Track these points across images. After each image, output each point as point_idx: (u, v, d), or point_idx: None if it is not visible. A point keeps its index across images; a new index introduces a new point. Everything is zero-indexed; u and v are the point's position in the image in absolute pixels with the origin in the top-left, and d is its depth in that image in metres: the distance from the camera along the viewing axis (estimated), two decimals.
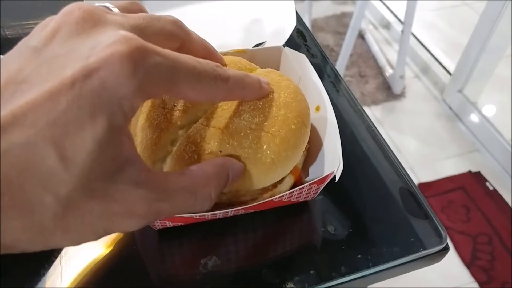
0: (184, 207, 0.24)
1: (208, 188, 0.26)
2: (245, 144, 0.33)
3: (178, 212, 0.25)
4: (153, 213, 0.22)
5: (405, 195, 0.41)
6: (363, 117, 0.48)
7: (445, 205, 1.59)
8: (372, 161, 0.44)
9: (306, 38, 0.57)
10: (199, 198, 0.25)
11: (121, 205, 0.20)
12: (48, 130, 0.18)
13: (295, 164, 0.36)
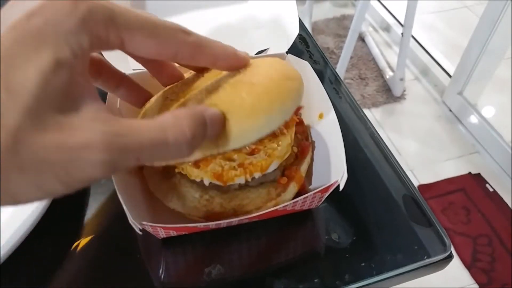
0: (154, 144, 0.23)
1: (179, 126, 0.24)
2: (224, 95, 0.32)
3: (151, 153, 0.23)
4: (116, 148, 0.21)
5: (409, 203, 0.41)
6: (366, 123, 0.48)
7: (445, 207, 1.59)
8: (375, 168, 0.44)
9: (309, 44, 0.58)
10: (170, 135, 0.24)
11: (77, 139, 0.20)
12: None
13: (283, 121, 0.34)
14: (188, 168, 0.39)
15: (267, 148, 0.39)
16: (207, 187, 0.39)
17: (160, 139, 0.23)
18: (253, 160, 0.38)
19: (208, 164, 0.38)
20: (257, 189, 0.40)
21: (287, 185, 0.39)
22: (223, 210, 0.39)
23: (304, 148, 0.41)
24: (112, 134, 0.21)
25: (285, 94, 0.34)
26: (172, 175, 0.42)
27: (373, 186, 0.42)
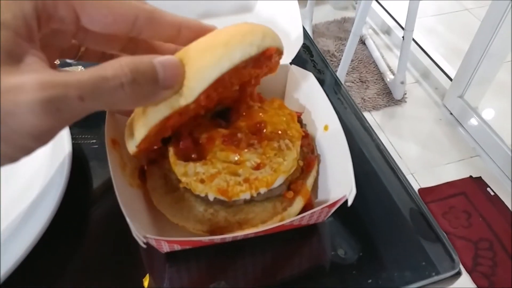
0: (93, 78, 0.24)
1: (119, 65, 0.25)
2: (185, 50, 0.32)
3: (92, 91, 0.24)
4: (51, 86, 0.22)
5: (416, 217, 0.40)
6: (372, 135, 0.47)
7: (446, 211, 1.59)
8: (381, 181, 0.43)
9: (313, 53, 0.57)
10: (109, 70, 0.25)
11: (11, 82, 0.21)
12: None
13: (247, 55, 0.32)
14: (192, 183, 0.38)
15: (273, 162, 0.38)
16: (211, 201, 0.39)
17: (99, 74, 0.24)
18: (258, 175, 0.38)
19: (213, 179, 0.38)
20: (263, 203, 0.39)
21: (293, 199, 0.39)
22: (227, 224, 0.38)
23: (310, 162, 0.41)
24: (48, 75, 0.22)
25: (245, 31, 0.33)
26: (176, 188, 0.41)
27: (379, 199, 0.42)
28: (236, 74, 0.36)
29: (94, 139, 0.50)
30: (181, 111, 0.33)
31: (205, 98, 0.32)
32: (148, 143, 0.37)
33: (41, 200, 0.40)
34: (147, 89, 0.27)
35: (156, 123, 0.33)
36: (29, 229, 0.37)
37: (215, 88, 0.32)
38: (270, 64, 0.39)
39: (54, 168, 0.42)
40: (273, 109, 0.43)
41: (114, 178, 0.37)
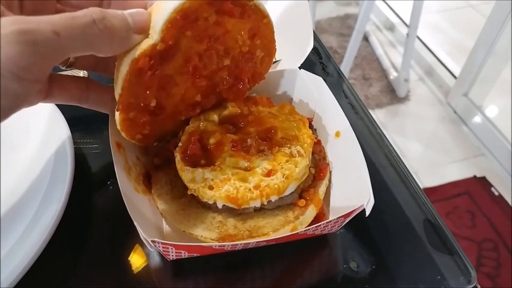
0: (66, 17, 0.26)
1: (92, 7, 0.28)
2: None
3: (65, 24, 0.26)
4: (25, 21, 0.24)
5: (430, 229, 0.39)
6: (382, 140, 0.46)
7: (450, 211, 1.57)
8: (393, 190, 0.42)
9: (322, 56, 0.56)
10: (79, 12, 0.27)
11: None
12: None
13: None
14: (200, 190, 0.37)
15: (284, 169, 0.37)
16: (219, 209, 0.38)
17: (70, 14, 0.27)
18: (269, 182, 0.36)
19: (222, 186, 0.37)
20: (273, 212, 0.38)
21: (305, 208, 0.37)
22: (237, 232, 0.37)
23: (322, 169, 0.40)
24: (22, 16, 0.25)
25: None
26: (182, 195, 0.40)
27: (391, 210, 0.41)
28: (213, 29, 0.36)
29: (96, 144, 0.49)
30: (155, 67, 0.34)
31: (171, 36, 0.33)
32: (128, 105, 0.35)
33: (43, 210, 0.39)
34: (119, 31, 0.30)
35: (128, 70, 0.33)
36: (35, 236, 0.36)
37: (183, 26, 0.33)
38: (248, 19, 0.37)
39: (57, 175, 0.41)
40: (284, 114, 0.42)
41: (120, 183, 0.36)
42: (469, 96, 1.82)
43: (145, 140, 0.40)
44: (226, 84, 0.41)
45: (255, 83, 0.44)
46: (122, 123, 0.36)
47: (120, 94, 0.34)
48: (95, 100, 0.37)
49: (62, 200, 0.38)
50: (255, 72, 0.43)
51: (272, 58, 0.43)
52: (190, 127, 0.41)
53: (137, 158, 0.42)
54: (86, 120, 0.51)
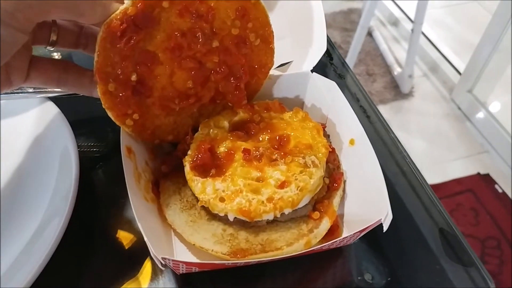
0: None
1: None
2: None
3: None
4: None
5: (446, 238, 0.38)
6: (397, 147, 0.45)
7: (453, 208, 1.57)
8: (409, 198, 0.41)
9: (333, 56, 0.54)
10: None
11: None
12: None
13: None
14: (211, 202, 0.36)
15: (299, 181, 0.36)
16: (230, 221, 0.37)
17: None
18: (283, 194, 0.35)
19: (234, 198, 0.35)
20: (287, 224, 0.37)
21: (319, 220, 0.36)
22: (249, 245, 0.36)
23: (336, 180, 0.38)
24: None
25: None
26: (191, 205, 0.39)
27: (406, 218, 0.40)
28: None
29: (100, 148, 0.48)
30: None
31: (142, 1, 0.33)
32: (105, 74, 0.35)
33: (47, 222, 0.38)
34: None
35: (101, 34, 0.34)
36: (38, 250, 0.35)
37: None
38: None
39: (61, 187, 0.40)
40: (297, 121, 0.41)
41: (130, 191, 0.35)
42: (473, 93, 1.80)
43: (139, 129, 0.39)
44: (220, 73, 0.40)
45: (255, 76, 0.42)
46: (103, 97, 0.36)
47: (96, 61, 0.35)
48: (73, 82, 0.38)
49: (65, 213, 0.37)
50: (253, 61, 0.41)
51: (269, 45, 0.42)
52: (199, 134, 0.40)
53: (146, 163, 0.41)
54: (90, 123, 0.50)
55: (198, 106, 0.41)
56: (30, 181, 0.42)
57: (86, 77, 0.38)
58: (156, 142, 0.41)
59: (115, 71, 0.35)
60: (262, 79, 0.43)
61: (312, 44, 0.46)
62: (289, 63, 0.50)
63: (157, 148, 0.43)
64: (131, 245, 0.39)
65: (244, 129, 0.41)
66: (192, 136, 0.41)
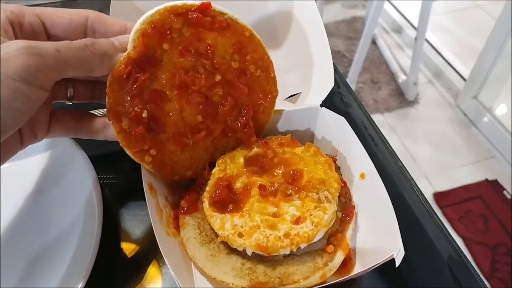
0: (63, 42, 0.33)
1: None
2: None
3: (64, 45, 0.33)
4: (31, 42, 0.31)
5: (455, 265, 0.40)
6: (405, 175, 0.47)
7: (462, 215, 1.57)
8: (417, 227, 0.43)
9: (340, 85, 0.56)
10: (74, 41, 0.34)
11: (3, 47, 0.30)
12: None
13: (163, 7, 0.38)
14: (230, 237, 0.38)
15: (313, 216, 0.38)
16: (248, 255, 0.39)
17: (66, 41, 0.33)
18: (299, 230, 0.37)
19: (252, 234, 0.37)
20: (302, 258, 0.39)
21: (333, 254, 0.38)
22: (267, 279, 0.38)
23: (348, 213, 0.40)
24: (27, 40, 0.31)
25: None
26: (210, 240, 0.41)
27: (415, 247, 0.41)
28: (190, 39, 0.39)
29: (117, 180, 0.50)
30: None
31: (142, 44, 0.37)
32: (117, 113, 0.38)
33: (73, 269, 0.40)
34: (107, 51, 0.36)
35: (109, 78, 0.37)
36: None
37: (154, 36, 0.37)
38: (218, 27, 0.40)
39: (86, 231, 0.42)
40: (309, 156, 0.42)
41: (154, 227, 0.37)
42: (479, 99, 1.81)
43: (158, 166, 0.41)
44: (226, 105, 0.42)
45: (261, 105, 0.44)
46: (119, 135, 0.38)
47: (108, 102, 0.37)
48: (88, 129, 0.41)
49: (89, 258, 0.39)
50: (257, 91, 0.43)
51: (270, 73, 0.44)
52: (216, 171, 0.42)
53: (166, 199, 0.43)
54: (110, 158, 0.52)
55: (211, 139, 0.43)
56: (57, 219, 0.44)
57: (99, 123, 0.41)
58: (176, 178, 0.43)
59: (126, 109, 0.38)
60: (269, 108, 0.45)
61: (320, 78, 0.48)
62: (298, 94, 0.52)
63: (175, 184, 0.45)
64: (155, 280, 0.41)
65: (258, 163, 0.43)
66: (209, 171, 0.43)
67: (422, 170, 1.70)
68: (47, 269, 0.41)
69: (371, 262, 0.35)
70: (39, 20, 0.36)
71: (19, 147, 0.37)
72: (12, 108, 0.30)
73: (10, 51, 0.30)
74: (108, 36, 0.38)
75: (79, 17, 0.38)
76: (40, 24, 0.36)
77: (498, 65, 1.69)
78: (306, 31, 0.52)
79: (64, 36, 0.38)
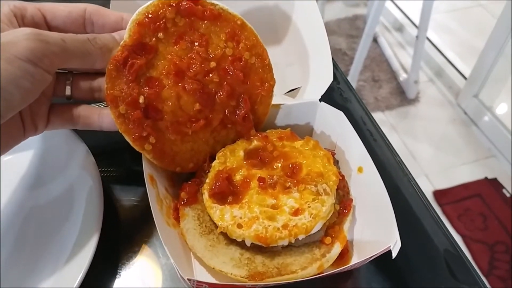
0: (68, 34, 0.35)
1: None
2: None
3: (68, 36, 0.36)
4: (39, 30, 0.33)
5: (452, 259, 0.40)
6: (403, 169, 0.47)
7: (461, 213, 1.58)
8: (414, 220, 0.43)
9: (339, 80, 0.57)
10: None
11: (9, 31, 0.33)
12: None
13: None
14: (230, 228, 0.38)
15: (311, 208, 0.38)
16: (247, 246, 0.39)
17: (71, 34, 0.36)
18: (297, 221, 0.38)
19: (251, 225, 0.38)
20: (300, 249, 0.39)
21: (331, 245, 0.39)
22: (266, 269, 0.38)
23: (346, 206, 0.41)
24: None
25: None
26: (210, 230, 0.41)
27: (412, 240, 0.41)
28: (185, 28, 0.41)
29: (117, 172, 0.51)
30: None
31: (137, 32, 0.39)
32: (114, 98, 0.39)
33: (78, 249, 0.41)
34: (108, 45, 0.38)
35: (108, 66, 0.39)
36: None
37: (149, 26, 0.39)
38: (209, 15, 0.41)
39: (86, 228, 0.43)
40: (308, 150, 0.43)
41: (155, 217, 0.38)
42: (479, 97, 1.82)
43: (159, 155, 0.42)
44: (223, 92, 0.42)
45: (259, 94, 0.45)
46: (117, 120, 0.40)
47: (106, 87, 0.39)
48: (84, 120, 0.42)
49: (91, 250, 0.40)
50: (254, 79, 0.44)
51: (264, 60, 0.44)
52: (216, 163, 0.43)
53: (166, 190, 0.44)
54: (111, 150, 0.53)
55: (210, 131, 0.44)
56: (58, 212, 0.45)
57: (94, 114, 0.42)
58: (178, 170, 0.44)
59: (123, 94, 0.39)
60: (267, 98, 0.45)
61: (319, 73, 0.49)
62: (298, 89, 0.53)
63: (176, 175, 0.46)
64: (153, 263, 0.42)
65: (258, 156, 0.44)
66: (209, 164, 0.44)
67: (422, 168, 1.71)
68: (48, 262, 0.41)
69: (368, 254, 0.35)
70: (40, 13, 0.39)
71: (22, 138, 0.39)
72: (20, 85, 0.32)
73: (19, 35, 0.32)
74: (106, 26, 0.41)
75: (77, 10, 0.40)
76: (41, 16, 0.39)
77: (499, 64, 1.70)
78: (306, 27, 0.52)
79: (64, 27, 0.40)
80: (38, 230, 0.44)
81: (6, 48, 0.31)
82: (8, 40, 0.32)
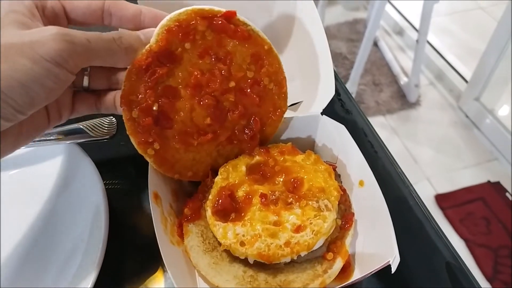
0: (93, 33, 0.35)
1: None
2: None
3: (94, 36, 0.35)
4: (65, 30, 0.33)
5: (453, 271, 0.40)
6: (404, 182, 0.47)
7: (464, 217, 1.57)
8: (416, 232, 0.43)
9: (340, 92, 0.57)
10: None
11: (32, 32, 0.33)
12: None
13: (190, 8, 0.39)
14: (232, 246, 0.38)
15: (313, 225, 0.38)
16: (250, 263, 0.39)
17: (96, 33, 0.36)
18: (299, 238, 0.38)
19: (254, 243, 0.38)
20: (302, 265, 0.39)
21: (333, 261, 0.39)
22: (268, 286, 0.38)
23: (348, 220, 0.41)
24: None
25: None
26: (213, 248, 0.42)
27: (414, 252, 0.42)
28: (210, 43, 0.40)
29: (122, 185, 0.51)
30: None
31: (165, 40, 0.38)
32: (129, 102, 0.39)
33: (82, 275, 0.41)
34: (133, 45, 0.38)
35: (129, 68, 0.39)
36: None
37: (178, 34, 0.39)
38: (239, 35, 0.41)
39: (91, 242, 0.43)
40: (310, 164, 0.43)
41: (158, 237, 0.38)
42: (481, 100, 1.82)
43: (159, 161, 0.42)
44: (236, 112, 0.43)
45: (269, 118, 0.45)
46: (127, 123, 0.39)
47: (123, 89, 0.39)
48: (106, 103, 0.43)
49: (96, 263, 0.40)
50: (268, 104, 0.44)
51: (282, 88, 0.45)
52: (219, 179, 0.43)
53: (170, 206, 0.44)
54: (115, 163, 0.53)
55: (215, 144, 0.44)
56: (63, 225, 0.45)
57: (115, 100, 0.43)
58: (176, 176, 0.44)
59: (138, 100, 0.39)
60: (277, 122, 0.46)
61: (321, 86, 0.49)
62: (299, 103, 0.53)
63: (179, 190, 0.46)
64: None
65: (260, 171, 0.44)
66: (211, 179, 0.44)
67: (424, 172, 1.71)
68: (55, 275, 0.42)
69: (369, 268, 0.35)
70: (60, 5, 0.39)
71: (46, 127, 0.40)
72: (44, 85, 0.33)
73: (46, 35, 0.33)
74: (123, 19, 0.40)
75: (96, 2, 0.40)
76: (61, 8, 0.39)
77: (500, 66, 1.70)
78: (308, 40, 0.52)
79: (82, 19, 0.40)
80: (43, 244, 0.44)
81: (33, 47, 0.32)
82: (35, 39, 0.32)
